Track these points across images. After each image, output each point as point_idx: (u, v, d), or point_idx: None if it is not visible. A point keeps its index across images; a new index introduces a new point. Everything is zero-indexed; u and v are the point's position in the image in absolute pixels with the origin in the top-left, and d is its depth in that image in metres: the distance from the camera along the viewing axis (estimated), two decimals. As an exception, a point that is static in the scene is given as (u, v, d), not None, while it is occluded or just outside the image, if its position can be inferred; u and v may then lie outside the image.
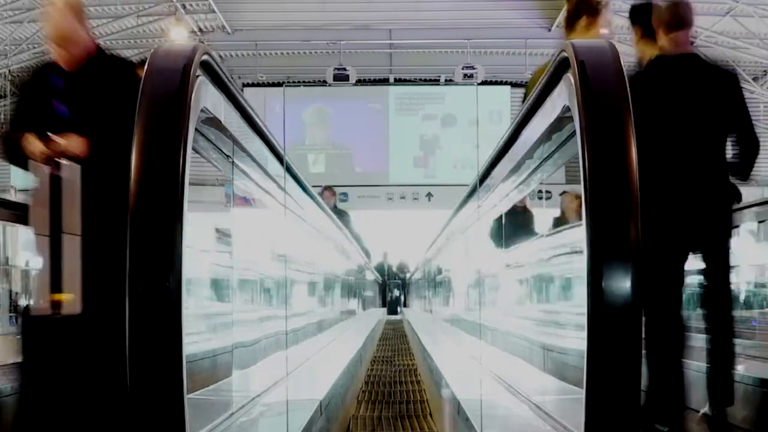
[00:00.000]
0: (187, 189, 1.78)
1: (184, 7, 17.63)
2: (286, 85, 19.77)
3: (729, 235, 3.42)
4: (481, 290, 5.38)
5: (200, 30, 18.77)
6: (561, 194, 4.13)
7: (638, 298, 1.72)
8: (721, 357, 3.30)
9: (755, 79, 18.77)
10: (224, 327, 3.02)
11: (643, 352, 2.31)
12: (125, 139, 1.85)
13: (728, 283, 3.42)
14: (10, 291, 5.46)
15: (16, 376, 3.00)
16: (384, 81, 20.54)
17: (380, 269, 19.56)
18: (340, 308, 9.40)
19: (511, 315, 4.35)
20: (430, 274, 11.53)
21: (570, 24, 3.59)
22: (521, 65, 17.76)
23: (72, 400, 2.84)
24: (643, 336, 1.80)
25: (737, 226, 4.45)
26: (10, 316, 5.30)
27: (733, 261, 3.46)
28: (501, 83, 19.54)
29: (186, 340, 1.76)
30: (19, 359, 2.97)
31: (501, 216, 4.07)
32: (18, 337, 3.11)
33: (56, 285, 2.75)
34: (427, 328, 10.05)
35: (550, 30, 18.61)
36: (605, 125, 1.81)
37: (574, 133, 1.92)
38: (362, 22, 18.47)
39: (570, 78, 1.92)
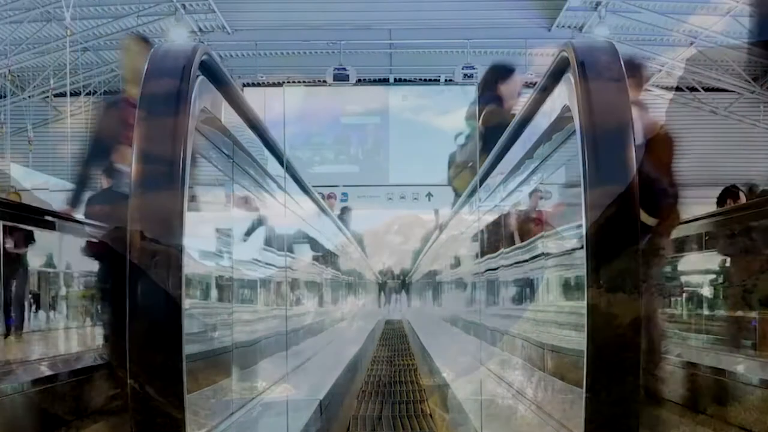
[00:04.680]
0: (188, 188, 1.78)
1: (184, 7, 17.64)
2: (286, 85, 19.77)
3: None
4: (486, 289, 5.37)
5: (200, 30, 18.78)
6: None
7: (638, 298, 1.73)
8: None
9: (755, 79, 18.76)
10: (223, 326, 3.01)
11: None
12: None
13: None
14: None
15: None
16: (384, 81, 20.54)
17: (381, 269, 19.55)
18: (339, 308, 9.40)
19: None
20: (431, 273, 11.51)
21: None
22: (521, 65, 17.74)
23: None
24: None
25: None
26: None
27: None
28: (501, 83, 19.48)
29: (185, 339, 1.76)
30: None
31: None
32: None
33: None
34: (428, 329, 10.05)
35: (550, 30, 18.62)
36: (605, 125, 1.81)
37: (573, 133, 1.92)
38: (362, 22, 18.47)
39: (570, 78, 1.92)
